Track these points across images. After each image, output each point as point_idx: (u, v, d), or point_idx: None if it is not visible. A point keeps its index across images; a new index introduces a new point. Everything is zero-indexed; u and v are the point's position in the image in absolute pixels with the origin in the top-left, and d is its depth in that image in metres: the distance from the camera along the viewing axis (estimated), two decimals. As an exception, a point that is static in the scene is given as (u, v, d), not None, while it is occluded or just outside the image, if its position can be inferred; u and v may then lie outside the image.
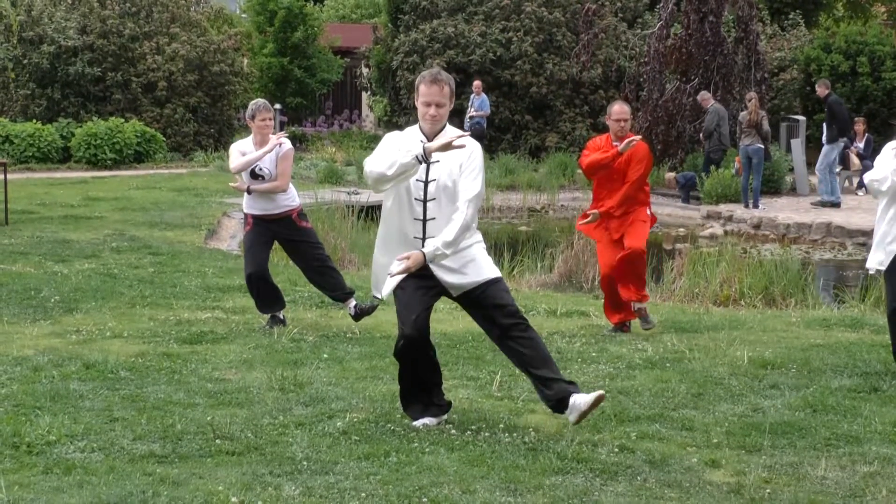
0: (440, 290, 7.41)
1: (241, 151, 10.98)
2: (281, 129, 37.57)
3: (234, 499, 6.02)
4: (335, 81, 41.65)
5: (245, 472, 6.53)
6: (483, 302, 7.38)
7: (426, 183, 7.30)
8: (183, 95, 34.56)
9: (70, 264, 14.65)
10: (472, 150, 7.35)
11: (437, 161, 7.28)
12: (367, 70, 40.02)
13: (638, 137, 10.90)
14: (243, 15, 44.28)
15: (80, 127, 31.05)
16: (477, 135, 31.25)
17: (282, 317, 11.07)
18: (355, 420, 7.63)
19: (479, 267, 7.38)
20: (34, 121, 31.58)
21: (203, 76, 34.94)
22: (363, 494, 6.16)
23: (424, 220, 7.32)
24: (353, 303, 11.14)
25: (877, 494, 6.38)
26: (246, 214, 11.18)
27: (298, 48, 39.35)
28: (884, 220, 9.41)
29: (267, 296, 11.03)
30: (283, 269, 13.98)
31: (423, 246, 7.24)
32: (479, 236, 7.48)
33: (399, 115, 34.87)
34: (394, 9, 36.05)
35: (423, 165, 7.23)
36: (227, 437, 7.20)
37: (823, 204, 24.29)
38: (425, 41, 33.98)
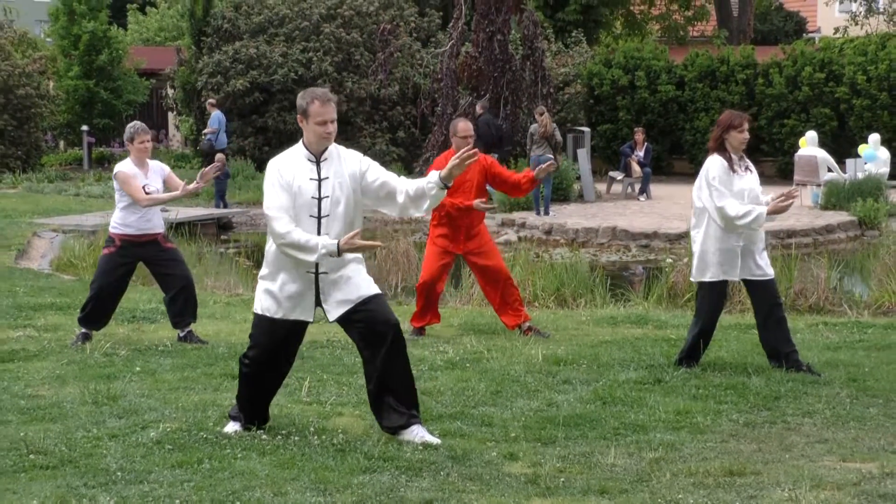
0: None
1: (133, 175, 10.60)
2: (89, 150, 37.03)
3: (49, 512, 5.89)
4: (141, 102, 41.04)
5: (59, 485, 6.37)
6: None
7: (320, 200, 7.21)
8: (-12, 119, 33.62)
9: None
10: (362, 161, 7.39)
11: (327, 177, 7.22)
12: (172, 91, 39.45)
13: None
14: (48, 39, 43.24)
15: None
16: (205, 150, 31.28)
17: (90, 335, 10.82)
18: (168, 430, 7.51)
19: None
20: None
21: (9, 99, 34.02)
22: (177, 501, 6.07)
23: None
24: (187, 328, 10.91)
25: (661, 478, 6.54)
26: (112, 237, 10.73)
27: (104, 71, 38.64)
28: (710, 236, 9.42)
29: (99, 315, 10.78)
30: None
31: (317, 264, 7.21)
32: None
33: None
34: (197, 31, 35.62)
35: (316, 182, 7.19)
36: (40, 451, 7.01)
37: None
38: (228, 62, 33.64)
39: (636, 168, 28.26)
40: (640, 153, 28.40)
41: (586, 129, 30.62)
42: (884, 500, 6.12)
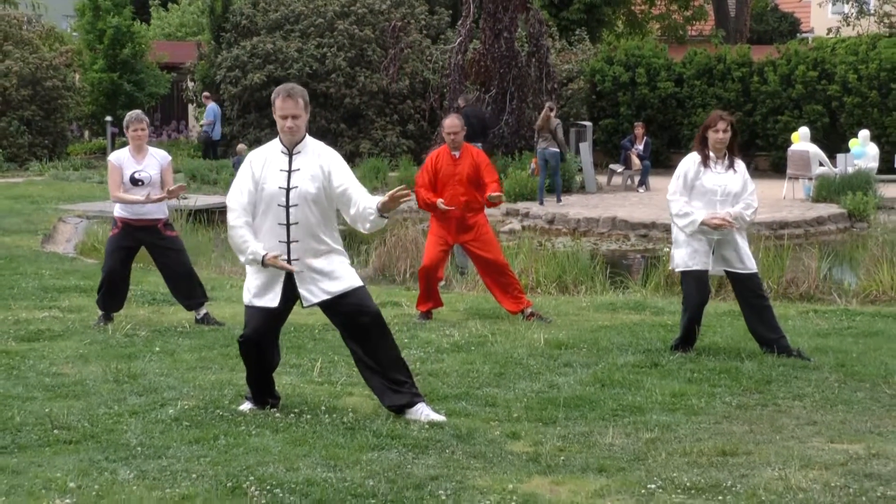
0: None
1: (120, 164, 10.70)
2: (112, 140, 37.03)
3: (71, 484, 5.89)
4: (163, 95, 40.98)
5: (82, 458, 6.39)
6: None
7: (288, 190, 7.21)
8: (17, 109, 33.55)
9: (-90, 270, 14.10)
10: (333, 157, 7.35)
11: (298, 169, 7.22)
12: (192, 84, 39.44)
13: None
14: (74, 33, 43.21)
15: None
16: (202, 141, 32.35)
17: (112, 316, 10.85)
18: (186, 407, 7.53)
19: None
20: None
21: (36, 91, 33.99)
22: (194, 475, 6.08)
23: (288, 225, 7.23)
24: (203, 310, 10.93)
25: (657, 457, 6.54)
26: (115, 219, 10.87)
27: (127, 64, 38.58)
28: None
29: (113, 296, 10.80)
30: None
31: (289, 252, 7.21)
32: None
33: (223, 125, 34.47)
34: (216, 27, 35.64)
35: (286, 173, 7.21)
36: (64, 427, 7.03)
37: None
38: (246, 57, 33.65)
39: (636, 161, 28.22)
40: (640, 147, 28.35)
41: (588, 123, 30.56)
42: (869, 479, 6.12)
